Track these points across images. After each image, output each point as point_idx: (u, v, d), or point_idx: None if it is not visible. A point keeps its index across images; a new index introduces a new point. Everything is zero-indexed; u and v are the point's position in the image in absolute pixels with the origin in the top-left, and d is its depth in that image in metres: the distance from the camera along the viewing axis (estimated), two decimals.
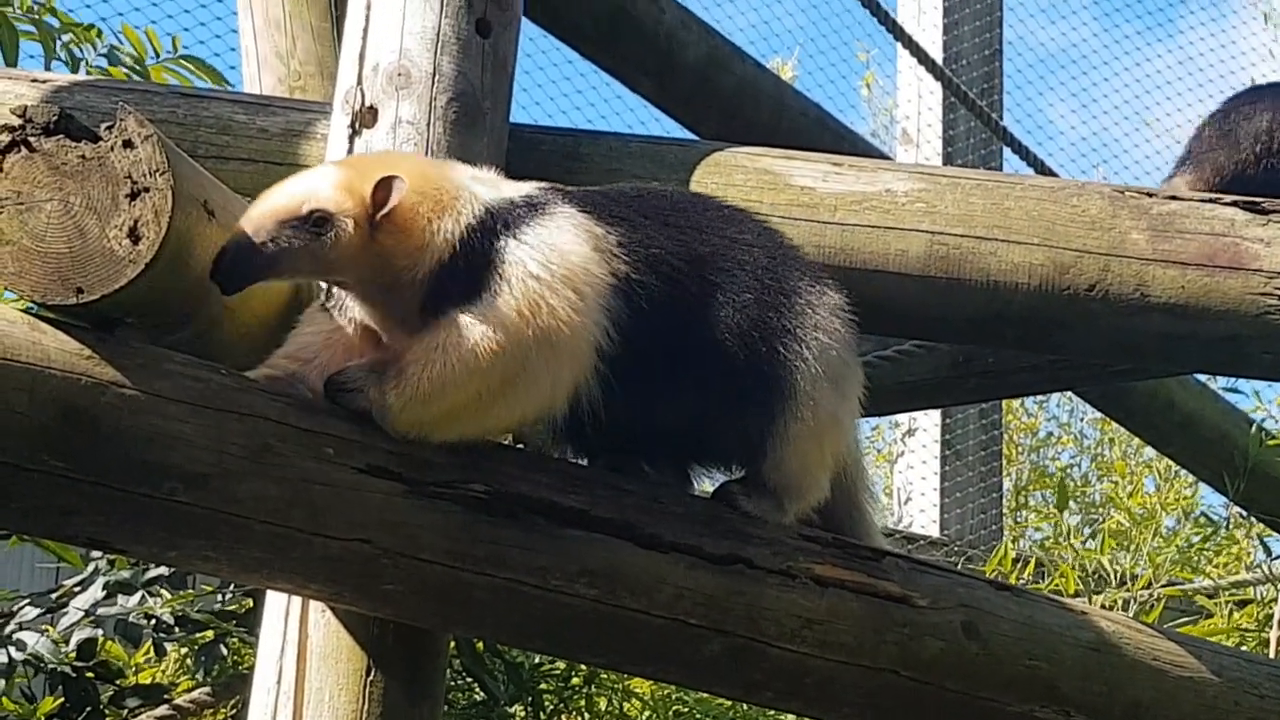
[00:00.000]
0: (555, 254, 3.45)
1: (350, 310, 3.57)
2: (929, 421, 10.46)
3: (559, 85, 10.51)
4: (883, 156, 7.88)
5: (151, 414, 3.24)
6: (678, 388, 3.60)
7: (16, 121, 3.23)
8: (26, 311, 3.27)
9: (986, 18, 10.61)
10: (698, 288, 3.56)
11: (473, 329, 3.39)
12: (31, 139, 3.22)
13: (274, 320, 3.74)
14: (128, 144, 3.23)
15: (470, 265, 3.45)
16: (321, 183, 3.48)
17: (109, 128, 3.24)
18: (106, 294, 3.20)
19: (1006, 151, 10.00)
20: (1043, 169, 9.03)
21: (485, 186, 3.55)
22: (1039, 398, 12.93)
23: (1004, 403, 11.20)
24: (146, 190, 3.21)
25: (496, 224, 3.48)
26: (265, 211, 3.43)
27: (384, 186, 3.44)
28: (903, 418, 10.63)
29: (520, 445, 3.73)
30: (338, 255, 3.44)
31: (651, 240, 3.55)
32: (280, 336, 3.78)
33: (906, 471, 10.59)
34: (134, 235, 3.20)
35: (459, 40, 3.77)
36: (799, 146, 5.53)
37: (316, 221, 3.43)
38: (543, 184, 3.57)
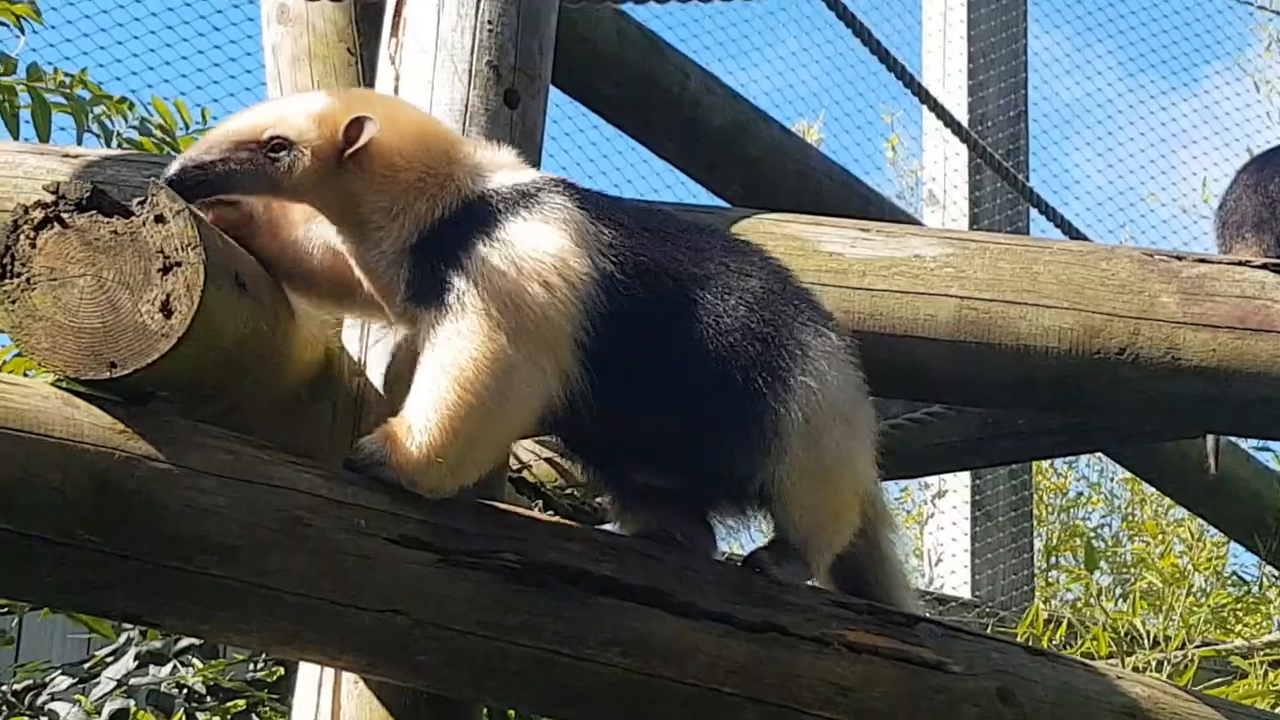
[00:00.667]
0: (525, 248, 3.46)
1: (326, 232, 3.59)
2: (959, 483, 10.43)
3: (585, 150, 10.54)
4: (910, 220, 7.90)
5: (184, 487, 3.24)
6: (660, 405, 3.57)
7: (50, 198, 3.25)
8: (58, 386, 3.29)
9: (1011, 79, 10.63)
10: (685, 306, 3.54)
11: (455, 355, 3.39)
12: (64, 215, 3.24)
13: (305, 392, 3.75)
14: (159, 219, 3.24)
15: (440, 260, 3.46)
16: (298, 109, 3.51)
17: (141, 203, 3.26)
18: (139, 368, 3.21)
19: (1033, 211, 10.01)
20: (1070, 230, 9.03)
21: (480, 174, 3.56)
22: (1069, 458, 12.90)
23: (1034, 463, 11.17)
24: (178, 264, 3.23)
25: (473, 218, 3.49)
26: (227, 130, 3.47)
27: (357, 125, 3.46)
28: (932, 479, 10.60)
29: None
30: (295, 183, 3.46)
31: (644, 249, 3.54)
32: (313, 408, 3.79)
33: (937, 533, 10.56)
34: (166, 309, 3.22)
35: (487, 112, 3.79)
36: (826, 209, 5.56)
37: (274, 147, 3.45)
38: (553, 177, 3.60)
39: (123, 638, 5.95)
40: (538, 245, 3.47)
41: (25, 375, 5.95)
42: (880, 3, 10.68)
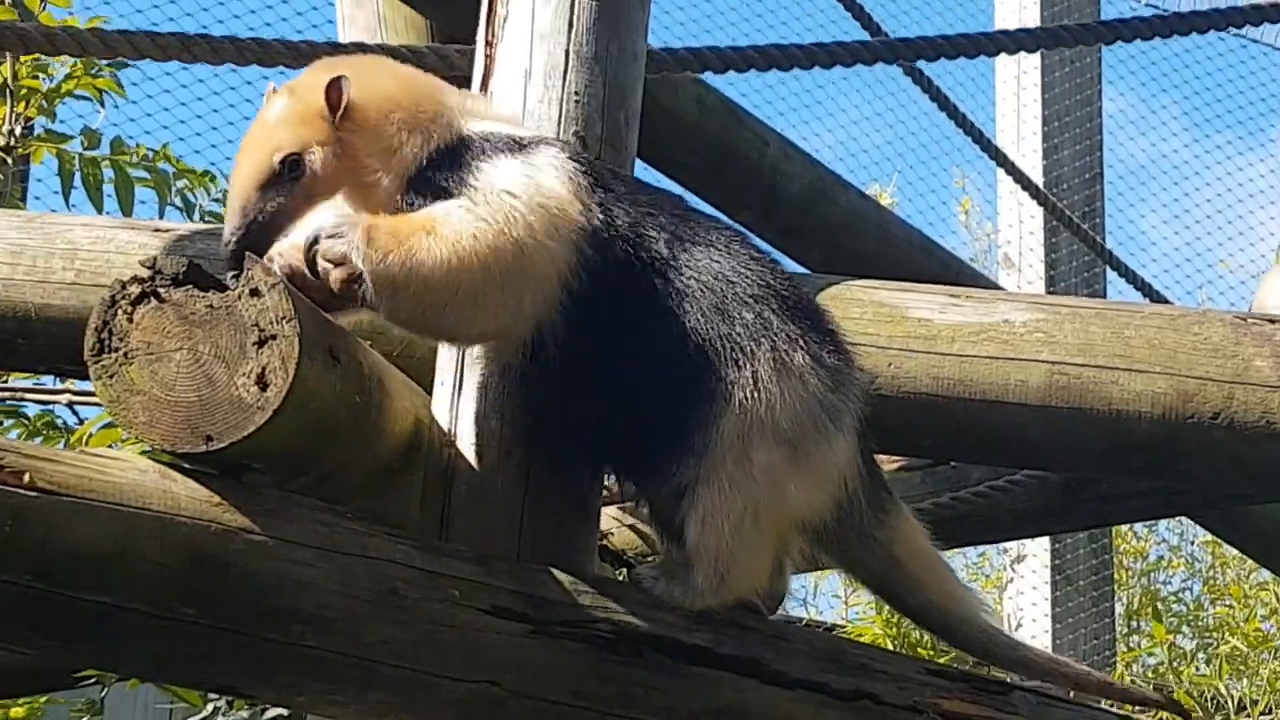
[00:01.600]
0: (531, 182, 3.47)
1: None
2: (1038, 546, 10.36)
3: None
4: (992, 284, 7.88)
5: (279, 559, 3.26)
6: (619, 384, 3.52)
7: (146, 273, 3.28)
8: (155, 459, 3.31)
9: (1086, 141, 10.61)
10: (660, 288, 3.50)
11: (450, 221, 3.40)
12: (161, 290, 3.27)
13: (397, 463, 3.77)
14: (255, 292, 3.27)
15: (440, 180, 3.48)
16: (280, 119, 3.53)
17: (236, 276, 3.29)
18: (235, 441, 3.23)
19: (1110, 272, 9.97)
20: (1149, 291, 9.00)
21: (475, 117, 3.59)
22: (1149, 521, 12.79)
23: (1113, 527, 11.09)
24: (273, 338, 3.25)
25: (470, 150, 3.52)
26: (242, 185, 3.49)
27: (335, 89, 3.50)
28: (1011, 543, 10.54)
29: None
30: (325, 180, 3.50)
31: (638, 220, 3.53)
32: (404, 478, 3.81)
33: (1017, 597, 10.49)
34: (262, 382, 3.24)
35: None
36: (906, 273, 5.55)
37: (290, 166, 3.49)
38: (555, 139, 3.62)
39: (209, 708, 5.96)
40: (542, 184, 3.48)
41: (112, 446, 6.02)
42: (953, 67, 10.64)
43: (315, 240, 3.42)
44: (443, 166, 3.51)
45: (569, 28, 3.89)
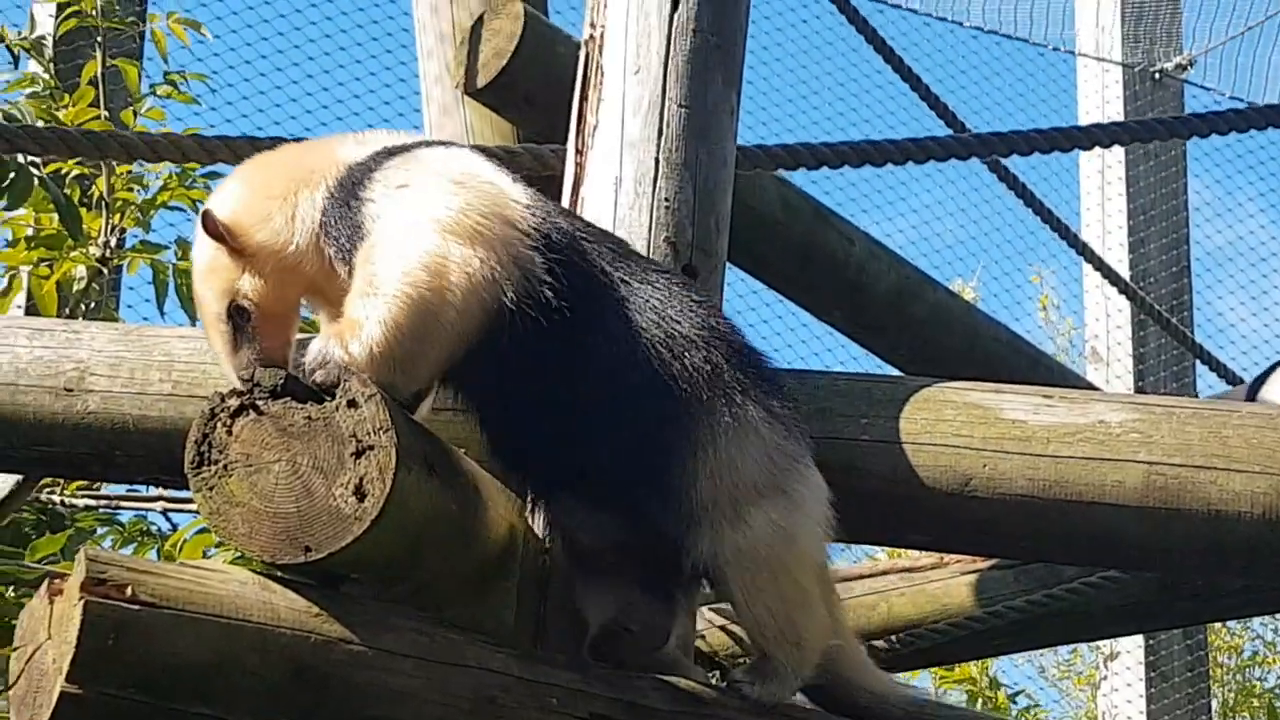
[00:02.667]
0: (426, 169, 3.51)
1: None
2: (1131, 644, 10.25)
3: (744, 316, 10.57)
4: (1083, 382, 7.84)
5: (379, 669, 3.27)
6: (564, 406, 3.51)
7: (244, 386, 3.31)
8: (237, 562, 3.33)
9: (1173, 234, 10.58)
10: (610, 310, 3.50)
11: (393, 254, 3.40)
12: (259, 402, 3.30)
13: (492, 570, 3.77)
14: (352, 404, 3.29)
15: (347, 214, 3.49)
16: (199, 283, 3.58)
17: (333, 388, 3.31)
18: (333, 551, 3.25)
19: (1199, 365, 9.91)
20: (1237, 383, 8.93)
21: (361, 146, 3.60)
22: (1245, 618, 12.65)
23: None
24: (371, 448, 3.27)
25: (362, 173, 3.53)
26: (221, 352, 3.55)
27: (209, 224, 3.52)
28: (1104, 641, 10.43)
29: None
30: (271, 296, 3.52)
31: (573, 233, 3.54)
32: (499, 585, 3.81)
33: (1111, 695, 10.37)
34: (359, 493, 3.26)
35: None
36: (994, 372, 5.54)
37: (237, 313, 3.53)
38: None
39: None
40: (443, 167, 3.54)
41: (205, 553, 6.06)
42: (1037, 162, 10.64)
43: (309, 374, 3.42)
44: (343, 205, 3.52)
45: (659, 135, 3.92)
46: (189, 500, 6.92)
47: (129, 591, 3.13)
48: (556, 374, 3.50)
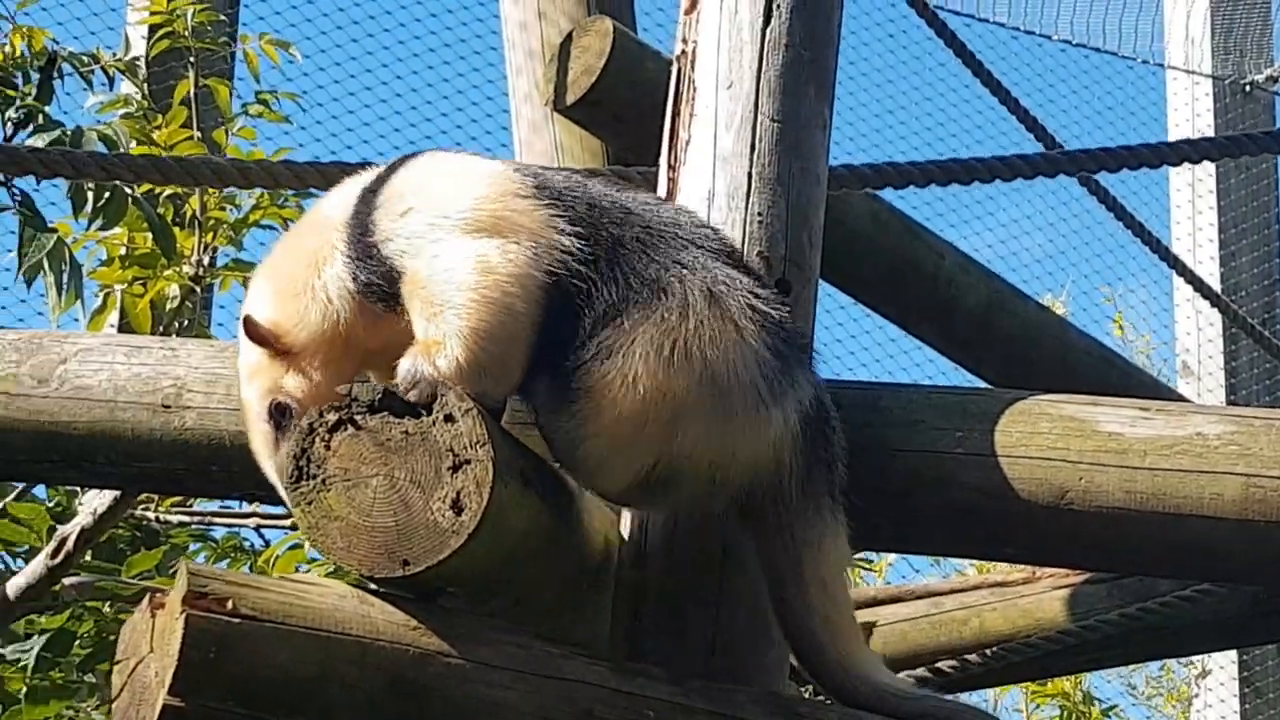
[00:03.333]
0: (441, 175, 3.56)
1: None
2: (1225, 659, 10.17)
3: (831, 331, 10.57)
4: (1177, 396, 7.79)
5: (476, 682, 3.28)
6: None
7: (342, 401, 3.33)
8: (352, 584, 3.36)
9: (1264, 248, 10.51)
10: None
11: (446, 273, 3.43)
12: (357, 417, 3.32)
13: (587, 583, 3.79)
14: (449, 418, 3.31)
15: (374, 267, 3.51)
16: (243, 386, 3.60)
17: (430, 403, 3.33)
18: (431, 565, 3.27)
19: None
20: None
21: (342, 198, 3.63)
22: None
23: None
24: (468, 462, 3.29)
25: (361, 222, 3.55)
26: (256, 442, 3.57)
27: (252, 331, 3.54)
28: (1195, 657, 10.35)
29: None
30: (311, 392, 3.51)
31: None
32: (594, 599, 3.83)
33: (1204, 711, 10.29)
34: (457, 506, 3.27)
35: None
36: (1085, 385, 5.50)
37: (279, 412, 3.53)
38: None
39: None
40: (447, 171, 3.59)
41: (298, 568, 6.11)
42: (1126, 175, 10.58)
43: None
44: (360, 261, 3.54)
45: (751, 150, 3.92)
46: (282, 516, 7.00)
47: (230, 605, 3.16)
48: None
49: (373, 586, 3.32)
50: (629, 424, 3.43)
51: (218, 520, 6.99)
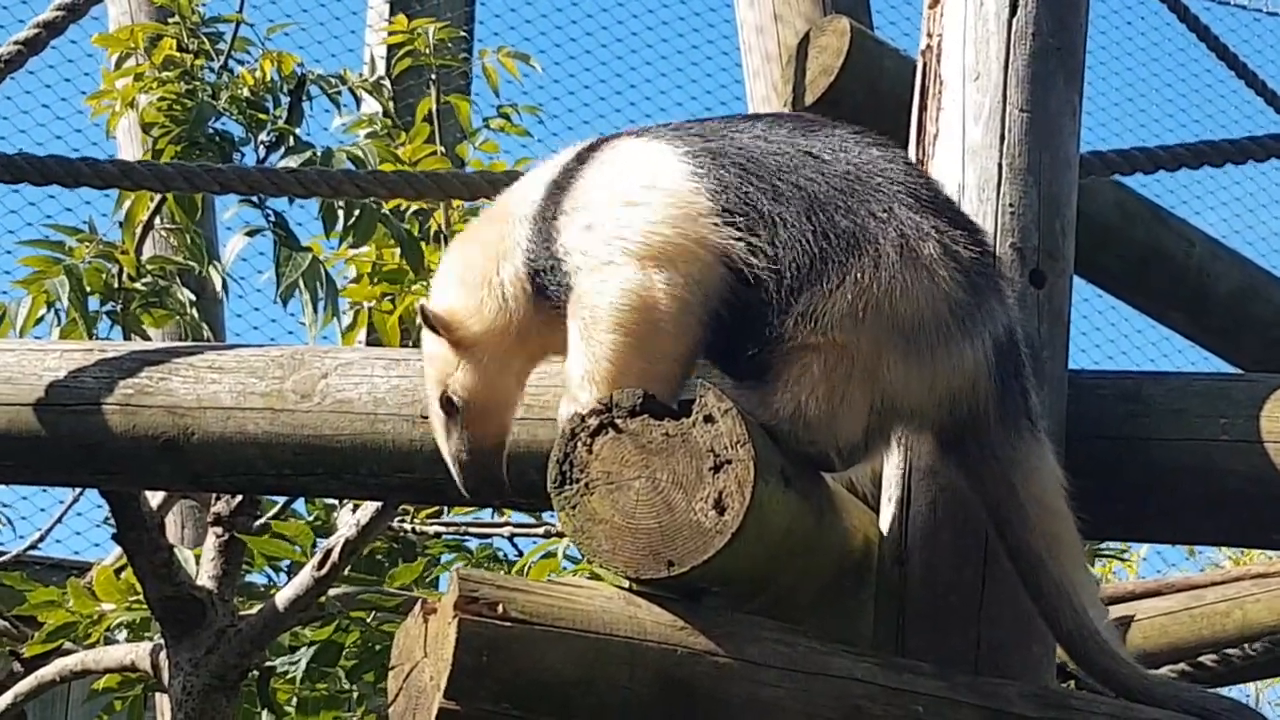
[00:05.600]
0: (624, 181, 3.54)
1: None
2: None
3: (1076, 324, 10.41)
4: None
5: (744, 680, 3.29)
6: None
7: (602, 406, 3.37)
8: (618, 586, 3.39)
9: None
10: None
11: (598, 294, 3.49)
12: (618, 421, 3.35)
13: (848, 581, 3.79)
14: (708, 419, 3.33)
15: (551, 268, 3.56)
16: (425, 360, 3.70)
17: (689, 404, 3.35)
18: (696, 565, 3.29)
19: None
20: None
21: (527, 190, 3.67)
22: None
23: None
24: (729, 462, 3.30)
25: (544, 218, 3.58)
26: (439, 436, 3.70)
27: (424, 317, 3.63)
28: None
29: None
30: (477, 391, 3.64)
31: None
32: (855, 598, 3.82)
33: None
34: (719, 507, 3.29)
35: (1014, 293, 3.80)
36: None
37: (448, 404, 3.66)
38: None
39: None
40: (642, 171, 3.56)
41: (548, 578, 6.17)
42: None
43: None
44: (539, 261, 3.60)
45: (1000, 141, 3.90)
46: (534, 525, 7.08)
47: (500, 609, 3.20)
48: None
49: (637, 587, 3.35)
50: (841, 379, 3.47)
51: (472, 530, 7.09)
